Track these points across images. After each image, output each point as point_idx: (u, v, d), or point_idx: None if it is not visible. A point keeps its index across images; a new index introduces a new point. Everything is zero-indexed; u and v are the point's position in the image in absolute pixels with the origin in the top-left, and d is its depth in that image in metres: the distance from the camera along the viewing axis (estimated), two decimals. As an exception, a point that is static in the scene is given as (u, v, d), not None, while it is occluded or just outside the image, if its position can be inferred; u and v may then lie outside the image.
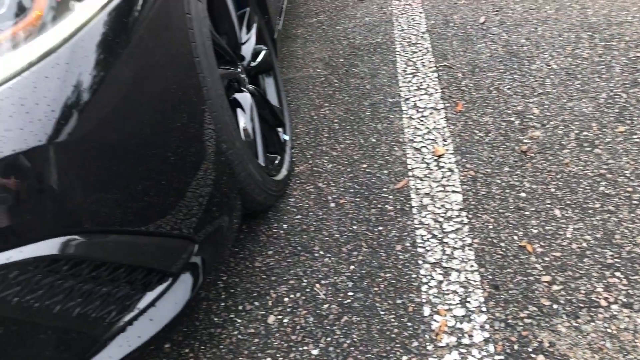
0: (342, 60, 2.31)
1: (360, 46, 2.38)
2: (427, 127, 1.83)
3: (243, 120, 1.49)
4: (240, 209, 1.34)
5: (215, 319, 1.35)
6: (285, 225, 1.57)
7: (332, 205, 1.61)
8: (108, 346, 0.96)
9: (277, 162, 1.67)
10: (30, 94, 0.80)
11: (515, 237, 1.41)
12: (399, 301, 1.31)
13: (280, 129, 1.78)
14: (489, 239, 1.42)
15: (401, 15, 2.56)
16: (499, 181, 1.58)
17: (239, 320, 1.34)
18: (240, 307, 1.37)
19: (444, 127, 1.82)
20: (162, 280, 1.02)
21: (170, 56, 1.09)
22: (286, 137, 1.79)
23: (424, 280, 1.34)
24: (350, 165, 1.73)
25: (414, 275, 1.36)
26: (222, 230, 1.22)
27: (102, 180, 0.91)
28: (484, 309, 1.26)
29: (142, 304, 0.99)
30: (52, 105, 0.82)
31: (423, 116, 1.88)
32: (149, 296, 1.00)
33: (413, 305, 1.29)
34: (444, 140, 1.76)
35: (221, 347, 1.29)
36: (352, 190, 1.64)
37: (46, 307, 0.87)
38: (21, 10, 0.83)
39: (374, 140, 1.82)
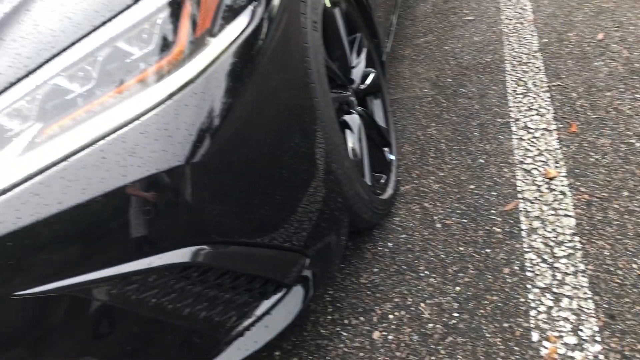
0: (449, 80, 2.32)
1: (468, 66, 2.37)
2: (538, 149, 1.79)
3: (351, 141, 1.55)
4: (347, 226, 1.39)
5: (322, 331, 1.41)
6: (390, 244, 1.61)
7: (438, 225, 1.62)
8: (228, 349, 1.05)
9: (383, 181, 1.71)
10: (172, 120, 0.91)
11: (635, 266, 1.34)
12: (505, 325, 1.29)
13: (386, 149, 1.82)
14: (605, 266, 1.36)
15: (512, 34, 2.51)
16: (616, 206, 1.51)
17: (345, 334, 1.39)
18: (346, 321, 1.42)
19: (556, 149, 1.77)
20: (277, 290, 1.10)
21: (287, 82, 1.18)
22: (392, 157, 1.83)
23: (533, 305, 1.31)
24: (457, 186, 1.74)
25: (522, 300, 1.33)
26: (331, 246, 1.28)
27: (225, 195, 1.01)
28: (598, 339, 1.21)
29: (259, 311, 1.08)
30: (190, 129, 0.93)
31: (534, 137, 1.84)
32: (265, 304, 1.09)
33: (521, 330, 1.27)
34: (556, 162, 1.71)
35: (327, 358, 1.34)
36: (459, 211, 1.64)
37: (177, 309, 0.97)
38: (166, 47, 0.95)
39: (482, 161, 1.81)
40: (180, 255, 0.93)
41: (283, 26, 1.16)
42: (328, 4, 1.52)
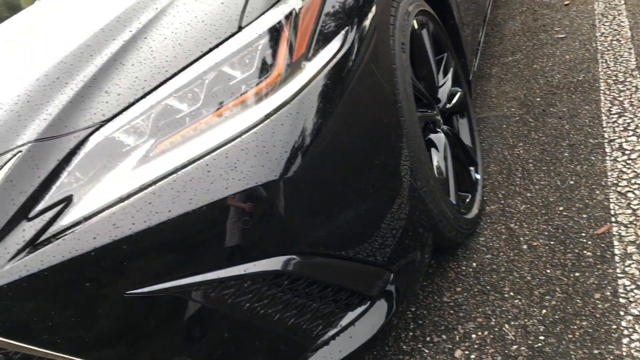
0: (538, 99, 2.27)
1: (559, 85, 2.31)
2: (635, 171, 1.71)
3: (436, 159, 1.57)
4: (431, 244, 1.41)
5: (404, 347, 1.43)
6: (474, 264, 1.60)
7: (525, 247, 1.59)
8: (313, 356, 1.09)
9: (468, 200, 1.71)
10: (269, 138, 0.99)
11: None
12: (595, 351, 1.25)
13: (472, 168, 1.82)
14: None
15: (607, 52, 2.43)
16: None
17: (427, 351, 1.40)
18: (427, 339, 1.43)
19: (654, 171, 1.69)
20: (362, 303, 1.14)
21: (375, 101, 1.23)
22: (478, 176, 1.82)
23: (626, 332, 1.26)
24: (545, 207, 1.70)
25: (614, 326, 1.29)
26: (414, 263, 1.31)
27: (314, 209, 1.07)
28: (698, 373, 1.14)
29: (344, 322, 1.12)
30: (285, 147, 1.00)
31: (630, 159, 1.77)
32: (350, 316, 1.13)
33: (612, 358, 1.22)
34: (655, 185, 1.64)
35: (408, 373, 1.36)
36: (546, 233, 1.61)
37: (268, 315, 1.04)
38: (265, 70, 1.03)
39: (572, 182, 1.76)
40: (273, 264, 1.00)
41: (372, 49, 1.22)
42: (416, 26, 1.56)
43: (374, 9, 1.26)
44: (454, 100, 1.80)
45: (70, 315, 0.96)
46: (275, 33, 1.05)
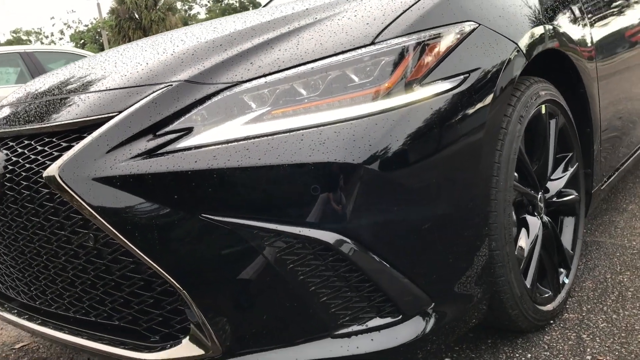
0: (665, 241, 2.14)
1: (693, 235, 2.16)
2: None
3: (524, 240, 1.58)
4: (483, 305, 1.39)
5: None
6: (529, 355, 1.54)
7: (588, 357, 1.50)
8: (332, 340, 1.16)
9: (546, 296, 1.66)
10: (362, 131, 1.12)
11: None
12: None
13: (563, 270, 1.77)
14: None
15: None
16: None
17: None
18: (453, 400, 1.40)
19: None
20: (393, 314, 1.19)
21: (474, 151, 1.30)
22: (566, 280, 1.76)
23: None
24: (626, 332, 1.59)
25: None
26: (457, 310, 1.30)
27: (381, 207, 1.15)
28: None
29: (370, 324, 1.17)
30: (372, 144, 1.12)
31: None
32: (378, 320, 1.18)
33: None
34: None
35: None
36: (616, 353, 1.50)
37: (305, 283, 1.14)
38: (380, 80, 1.18)
39: (666, 321, 1.63)
40: (326, 236, 1.11)
41: (487, 105, 1.31)
42: (543, 111, 1.62)
43: (502, 73, 1.36)
44: (563, 199, 1.79)
45: (154, 218, 1.14)
46: (400, 55, 1.21)
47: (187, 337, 1.18)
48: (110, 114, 1.24)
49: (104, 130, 1.21)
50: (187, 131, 1.20)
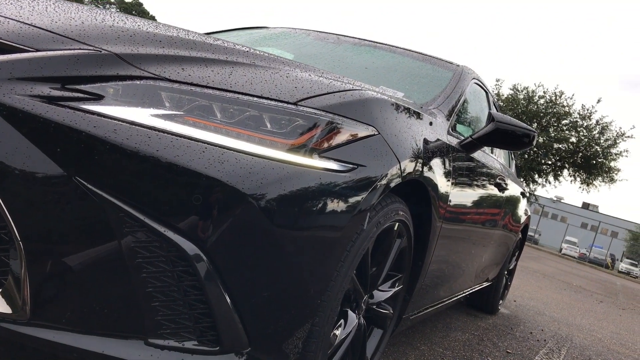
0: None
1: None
2: None
3: (340, 330, 1.71)
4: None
5: None
6: None
7: None
8: (145, 346, 1.16)
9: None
10: (254, 168, 1.22)
11: None
12: None
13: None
14: None
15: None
16: None
17: None
18: None
19: None
20: (212, 344, 1.22)
21: (336, 230, 1.41)
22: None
23: None
24: None
25: None
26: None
27: (248, 245, 1.23)
28: None
29: (187, 344, 1.20)
30: (264, 183, 1.22)
31: None
32: (195, 344, 1.21)
33: None
34: None
35: None
36: None
37: (145, 281, 1.14)
38: (289, 136, 1.30)
39: None
40: (188, 246, 1.15)
41: (360, 198, 1.47)
42: (395, 228, 1.84)
43: (381, 179, 1.54)
44: (381, 310, 1.99)
45: (27, 160, 1.10)
46: (313, 124, 1.35)
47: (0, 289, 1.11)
48: (27, 48, 1.21)
49: (14, 58, 1.18)
50: (97, 97, 1.21)
